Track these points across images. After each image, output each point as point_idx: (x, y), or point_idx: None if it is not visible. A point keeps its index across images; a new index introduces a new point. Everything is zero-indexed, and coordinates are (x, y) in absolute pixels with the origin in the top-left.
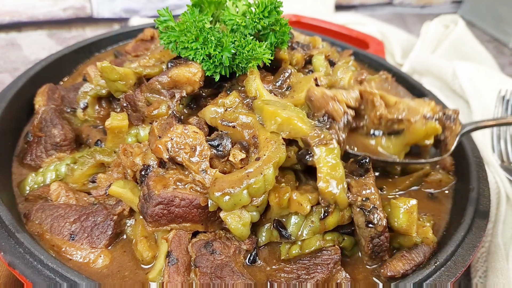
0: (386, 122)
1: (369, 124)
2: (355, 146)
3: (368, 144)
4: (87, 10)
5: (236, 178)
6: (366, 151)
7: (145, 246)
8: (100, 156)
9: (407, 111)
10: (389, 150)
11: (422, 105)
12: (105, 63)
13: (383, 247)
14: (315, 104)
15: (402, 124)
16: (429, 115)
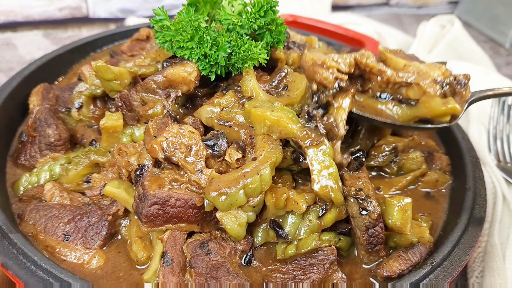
0: (394, 85)
1: (375, 87)
2: (363, 107)
3: (377, 107)
4: (83, 10)
5: (232, 178)
6: (373, 113)
7: (140, 246)
8: (95, 156)
9: (416, 75)
10: (397, 118)
11: (432, 68)
12: (100, 63)
13: (379, 239)
14: (307, 74)
15: (412, 89)
16: (439, 79)
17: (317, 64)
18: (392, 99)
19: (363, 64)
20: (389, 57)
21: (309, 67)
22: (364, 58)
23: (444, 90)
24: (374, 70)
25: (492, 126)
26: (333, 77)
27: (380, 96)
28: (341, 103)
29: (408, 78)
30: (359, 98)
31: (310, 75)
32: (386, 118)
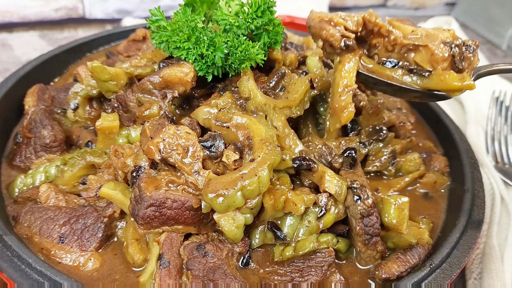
0: (401, 48)
1: (381, 52)
2: (372, 72)
3: (385, 73)
4: (79, 10)
5: (230, 180)
6: (383, 77)
7: (136, 248)
8: (91, 158)
9: (425, 37)
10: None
11: (441, 31)
12: (95, 63)
13: (375, 229)
14: (313, 31)
15: (419, 53)
16: (448, 41)
17: (324, 21)
18: (401, 67)
19: (372, 23)
20: (397, 24)
21: (316, 24)
22: (373, 16)
23: (453, 52)
24: (382, 29)
25: (490, 127)
26: (339, 34)
27: (386, 62)
28: (348, 63)
29: (416, 40)
30: (368, 64)
31: (317, 32)
32: (393, 81)
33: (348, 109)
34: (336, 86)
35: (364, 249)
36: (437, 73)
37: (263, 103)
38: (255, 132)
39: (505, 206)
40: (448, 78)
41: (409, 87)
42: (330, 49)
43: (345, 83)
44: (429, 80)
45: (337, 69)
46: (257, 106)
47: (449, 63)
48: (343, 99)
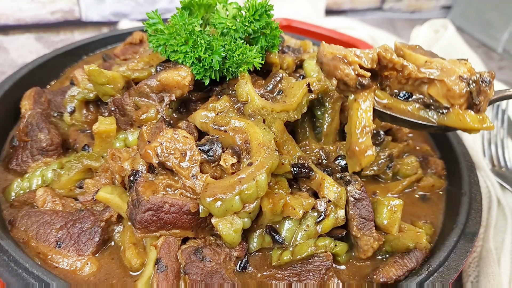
0: (414, 81)
1: (394, 84)
2: (389, 109)
3: (400, 107)
4: (75, 13)
5: (228, 184)
6: (399, 113)
7: (134, 253)
8: (88, 161)
9: (440, 71)
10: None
11: (457, 65)
12: (92, 66)
13: (368, 212)
14: (325, 69)
15: (434, 87)
16: (466, 77)
17: (338, 59)
18: (416, 101)
19: (387, 60)
20: (408, 53)
21: (329, 61)
22: (388, 53)
23: (470, 88)
24: (397, 65)
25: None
26: (355, 73)
27: (399, 94)
28: (364, 102)
29: (431, 74)
30: (382, 99)
31: (330, 70)
32: (410, 117)
33: (369, 151)
34: (354, 127)
35: (360, 234)
36: (455, 112)
37: (260, 106)
38: (252, 136)
39: (501, 209)
40: (467, 118)
41: (426, 124)
42: (344, 87)
43: (363, 124)
44: (447, 117)
45: (353, 108)
46: (254, 110)
47: (465, 99)
48: (363, 141)
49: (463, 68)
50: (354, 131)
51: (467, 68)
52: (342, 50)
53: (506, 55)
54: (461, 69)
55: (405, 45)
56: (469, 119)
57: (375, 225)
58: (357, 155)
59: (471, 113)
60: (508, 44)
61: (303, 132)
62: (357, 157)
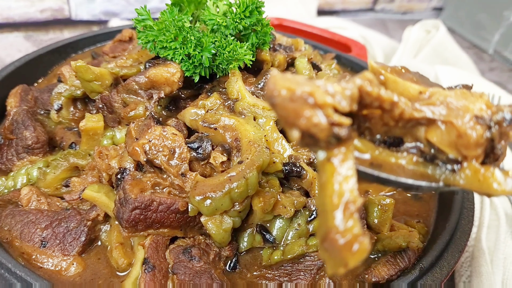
0: (407, 123)
1: (377, 126)
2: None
3: (390, 161)
4: (65, 12)
5: (218, 182)
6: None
7: (121, 252)
8: (74, 159)
9: (446, 108)
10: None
11: (469, 98)
12: (79, 62)
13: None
14: (281, 114)
15: (435, 130)
16: (486, 116)
17: (299, 99)
18: (412, 152)
19: (373, 97)
20: (392, 79)
21: (285, 103)
22: (374, 87)
23: (491, 134)
24: (386, 103)
25: None
26: (328, 122)
27: (384, 141)
28: (342, 163)
29: (434, 113)
30: (363, 152)
31: (288, 116)
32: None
33: (358, 244)
34: (329, 204)
35: None
36: (472, 169)
37: (251, 104)
38: (243, 134)
39: (494, 209)
40: (491, 181)
41: (428, 186)
42: (311, 141)
43: (345, 200)
44: (459, 176)
45: (326, 172)
46: (245, 107)
47: (483, 149)
48: (347, 228)
49: (479, 104)
50: (330, 210)
51: (485, 103)
52: (305, 84)
53: (497, 56)
54: (476, 106)
55: (386, 68)
56: (494, 181)
57: (367, 224)
58: (338, 250)
59: (496, 172)
60: (499, 46)
61: None
62: (340, 253)
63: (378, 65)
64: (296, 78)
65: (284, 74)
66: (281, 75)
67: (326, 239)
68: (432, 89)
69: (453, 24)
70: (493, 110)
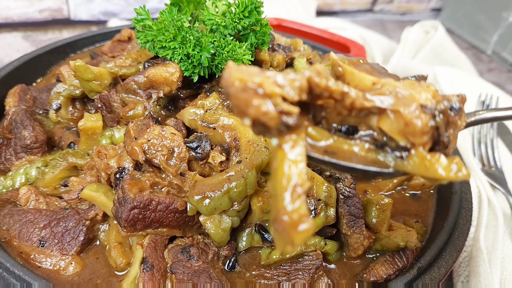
0: (359, 112)
1: (331, 115)
2: (333, 154)
3: (343, 148)
4: (64, 12)
5: (216, 181)
6: (343, 159)
7: (119, 252)
8: (73, 159)
9: (395, 98)
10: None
11: (416, 89)
12: (78, 62)
13: (358, 209)
14: (235, 103)
15: (386, 119)
16: (430, 106)
17: (250, 89)
18: (364, 140)
19: (321, 88)
20: (349, 70)
21: (238, 93)
22: (322, 78)
23: (436, 123)
24: (335, 94)
25: (476, 131)
26: (276, 110)
27: (340, 130)
28: (292, 149)
29: (382, 103)
30: (318, 140)
31: (240, 105)
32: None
33: (303, 224)
34: (279, 187)
35: (350, 232)
36: (419, 156)
37: None
38: (242, 133)
39: (492, 209)
40: (436, 166)
41: (380, 171)
42: (263, 129)
43: (293, 183)
44: (407, 162)
45: (277, 158)
46: None
47: (430, 136)
48: (294, 209)
49: (425, 94)
50: (280, 193)
51: (430, 93)
52: (256, 75)
53: (495, 57)
54: (422, 95)
55: (344, 60)
56: (440, 166)
57: (365, 224)
58: (286, 229)
59: (442, 158)
60: (497, 46)
61: None
62: (287, 232)
63: (337, 57)
64: (249, 69)
65: (239, 66)
66: (236, 67)
67: (276, 219)
68: (384, 80)
69: (452, 25)
70: (437, 100)
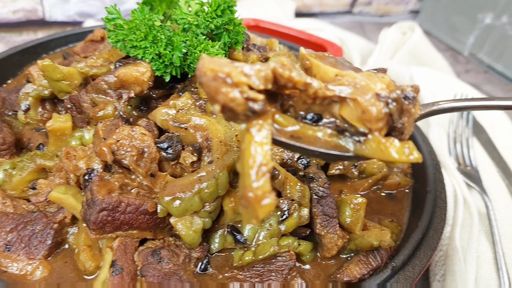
0: (323, 100)
1: (298, 104)
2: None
3: (308, 133)
4: (38, 13)
5: (187, 182)
6: (307, 143)
7: (88, 255)
8: (41, 161)
9: (353, 88)
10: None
11: (373, 79)
12: (46, 61)
13: (331, 209)
14: (207, 91)
15: (346, 107)
16: (384, 94)
17: (220, 78)
18: (328, 126)
19: (285, 78)
20: (315, 63)
21: (209, 82)
22: (286, 70)
23: (389, 110)
24: (298, 85)
25: (452, 130)
26: (243, 97)
27: (306, 117)
28: (258, 132)
29: (341, 92)
30: (285, 126)
31: (211, 93)
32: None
33: (266, 199)
34: (246, 166)
35: (324, 232)
36: (375, 141)
37: None
38: (214, 133)
39: (468, 208)
40: (390, 149)
41: (341, 154)
42: (232, 114)
43: (258, 162)
44: (365, 146)
45: (244, 141)
46: None
47: (385, 122)
48: (258, 186)
49: (380, 84)
50: (247, 171)
51: (385, 83)
52: (226, 66)
53: (472, 58)
54: (377, 85)
55: (311, 54)
56: (393, 149)
57: (339, 224)
58: (252, 204)
59: (395, 142)
60: (474, 48)
61: None
62: (252, 207)
63: (306, 52)
64: (220, 61)
65: (211, 58)
66: (208, 58)
67: (243, 196)
68: (345, 72)
69: (430, 27)
70: (391, 89)
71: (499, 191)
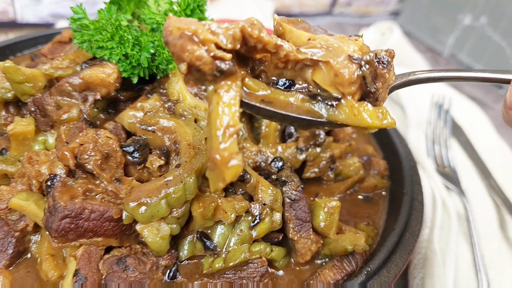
0: (295, 64)
1: (270, 69)
2: (269, 103)
3: (280, 98)
4: (9, 14)
5: (154, 187)
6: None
7: (51, 264)
8: (3, 166)
9: (325, 51)
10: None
11: (346, 42)
12: (8, 63)
13: (304, 213)
14: (172, 50)
15: (319, 71)
16: (356, 57)
17: (187, 36)
18: (300, 91)
19: (254, 38)
20: (288, 28)
21: (175, 40)
22: (255, 29)
23: (362, 72)
24: (269, 46)
25: (430, 131)
26: (209, 55)
27: (278, 83)
28: (227, 93)
29: (313, 54)
30: (255, 90)
31: (177, 52)
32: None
33: (233, 160)
34: (214, 127)
35: (297, 237)
36: (348, 105)
37: (193, 105)
38: (182, 136)
39: (446, 209)
40: (363, 113)
41: (313, 119)
42: (199, 75)
43: (225, 123)
44: (338, 111)
45: (212, 102)
46: (186, 109)
47: (358, 86)
48: (226, 147)
49: (353, 46)
50: (214, 133)
51: (358, 45)
52: (193, 24)
53: (451, 59)
54: (350, 47)
55: (284, 20)
56: (366, 114)
57: (313, 228)
58: (219, 166)
59: (368, 106)
60: (454, 48)
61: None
62: (219, 169)
63: (279, 18)
64: (187, 20)
65: (178, 17)
66: (175, 18)
67: (210, 158)
68: (318, 35)
69: (410, 28)
70: (364, 51)
71: (478, 192)
